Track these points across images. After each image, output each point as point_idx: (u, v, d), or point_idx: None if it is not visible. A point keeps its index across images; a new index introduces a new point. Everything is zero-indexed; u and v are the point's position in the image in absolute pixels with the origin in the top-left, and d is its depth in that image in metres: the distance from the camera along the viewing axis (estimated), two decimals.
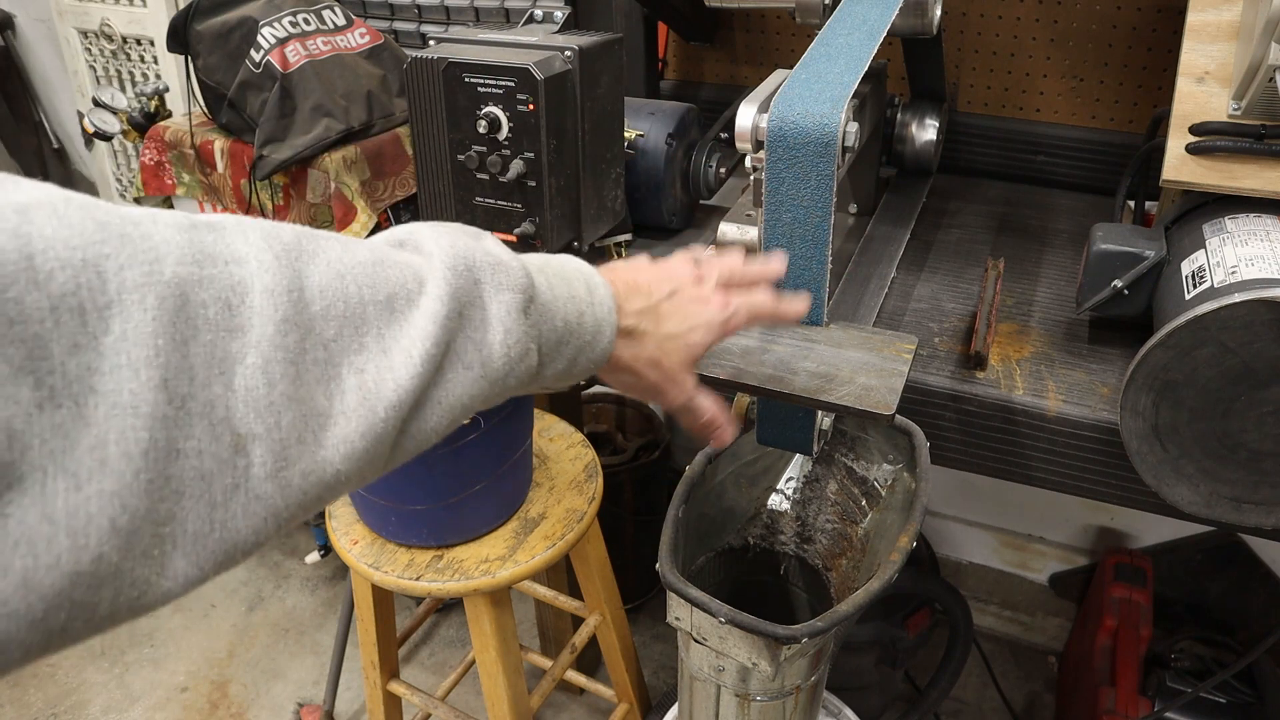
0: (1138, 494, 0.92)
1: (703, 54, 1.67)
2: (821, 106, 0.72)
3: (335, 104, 1.25)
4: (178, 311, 0.34)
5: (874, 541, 0.97)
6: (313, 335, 0.39)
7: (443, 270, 0.44)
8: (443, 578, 1.09)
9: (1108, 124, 1.43)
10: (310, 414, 0.38)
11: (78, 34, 2.23)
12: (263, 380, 0.36)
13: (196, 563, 0.35)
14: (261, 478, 0.37)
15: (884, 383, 0.72)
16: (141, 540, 0.33)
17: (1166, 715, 1.42)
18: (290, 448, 0.37)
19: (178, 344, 0.34)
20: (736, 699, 0.92)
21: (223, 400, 0.35)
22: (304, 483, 0.38)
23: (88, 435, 0.31)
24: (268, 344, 0.37)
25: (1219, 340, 0.75)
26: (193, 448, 0.34)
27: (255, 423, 0.36)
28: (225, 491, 0.36)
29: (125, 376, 0.32)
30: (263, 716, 1.92)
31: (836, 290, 1.09)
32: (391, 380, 0.41)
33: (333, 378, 0.39)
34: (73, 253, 0.32)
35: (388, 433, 0.41)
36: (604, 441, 2.04)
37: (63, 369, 0.31)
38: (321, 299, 0.39)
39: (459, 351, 0.44)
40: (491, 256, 0.47)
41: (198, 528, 0.35)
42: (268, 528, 0.37)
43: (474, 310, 0.45)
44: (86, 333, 0.32)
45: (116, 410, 0.32)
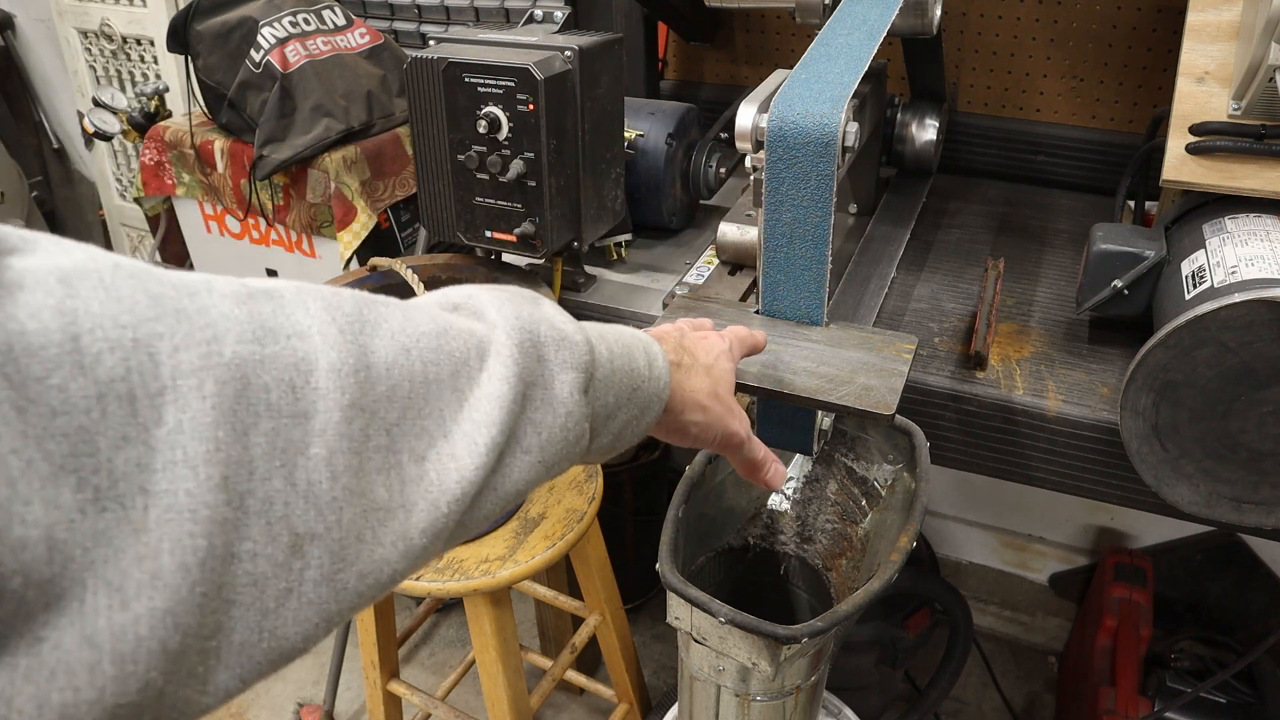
0: (1138, 494, 0.92)
1: (703, 54, 1.67)
2: (821, 106, 0.72)
3: (335, 104, 1.25)
4: (238, 397, 0.30)
5: (874, 541, 0.97)
6: (377, 420, 0.34)
7: (509, 347, 0.40)
8: (443, 578, 1.09)
9: (1108, 124, 1.43)
10: (370, 508, 0.34)
11: (78, 34, 2.22)
12: (326, 473, 0.33)
13: (240, 675, 0.31)
14: (317, 580, 0.33)
15: (884, 383, 0.72)
16: (188, 660, 0.29)
17: (1166, 715, 1.41)
18: (349, 547, 0.33)
19: (238, 434, 0.30)
20: (736, 699, 0.92)
21: (282, 496, 0.31)
22: (359, 584, 0.34)
23: (136, 544, 0.27)
24: (333, 432, 0.33)
25: (1219, 340, 0.75)
26: (248, 550, 0.30)
27: (315, 521, 0.32)
28: (278, 597, 0.32)
29: (181, 475, 0.28)
30: (263, 716, 1.92)
31: (836, 290, 1.09)
32: (455, 471, 0.37)
33: (393, 466, 0.35)
34: (122, 332, 0.28)
35: (447, 527, 0.37)
36: None
37: (109, 466, 0.27)
38: (387, 378, 0.35)
39: (520, 436, 0.40)
40: (556, 330, 0.43)
41: (245, 638, 0.31)
42: (318, 633, 0.33)
43: (537, 391, 0.41)
44: (137, 424, 0.28)
45: (171, 514, 0.28)
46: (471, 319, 0.41)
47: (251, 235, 1.39)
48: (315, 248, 1.33)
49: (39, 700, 0.25)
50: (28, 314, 0.26)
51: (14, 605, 0.25)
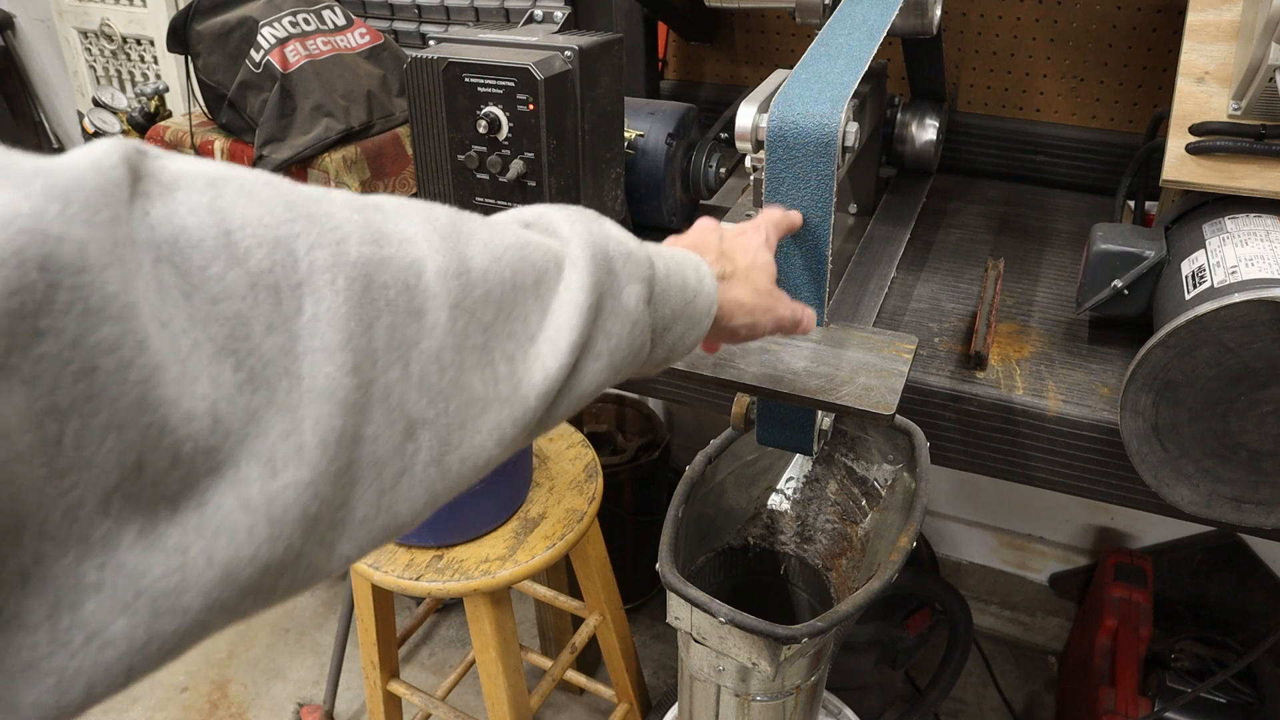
0: (1138, 494, 0.92)
1: (703, 54, 1.67)
2: (821, 106, 0.72)
3: (335, 104, 1.25)
4: (364, 293, 0.33)
5: (874, 541, 0.97)
6: (475, 320, 0.38)
7: (584, 260, 0.43)
8: (443, 578, 1.09)
9: (1108, 124, 1.43)
10: (470, 400, 0.38)
11: (78, 34, 2.22)
12: (435, 366, 0.36)
13: (359, 546, 0.35)
14: (426, 463, 0.36)
15: (884, 383, 0.72)
16: (321, 528, 0.33)
17: (1166, 715, 1.41)
18: (454, 433, 0.37)
19: (365, 326, 0.33)
20: (736, 699, 0.92)
21: (399, 385, 0.35)
22: (461, 467, 0.38)
23: (283, 421, 0.30)
24: (441, 329, 0.36)
25: (1219, 340, 0.76)
26: (371, 434, 0.34)
27: (427, 409, 0.36)
28: (394, 477, 0.35)
29: (320, 360, 0.31)
30: (263, 716, 1.92)
31: (836, 290, 1.09)
32: (541, 369, 0.41)
33: (489, 364, 0.39)
34: (266, 230, 0.31)
35: (534, 421, 0.41)
36: (604, 441, 2.04)
37: (260, 350, 0.30)
38: (483, 283, 0.39)
39: (594, 341, 0.44)
40: (622, 246, 0.47)
41: (366, 513, 0.35)
42: (425, 511, 0.37)
43: (609, 301, 0.45)
44: (281, 313, 0.31)
45: (312, 395, 0.31)
46: (546, 235, 0.45)
47: None
48: None
49: (208, 554, 0.29)
50: (186, 210, 0.29)
51: (184, 469, 0.28)
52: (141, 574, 0.28)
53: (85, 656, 0.27)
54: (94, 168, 0.28)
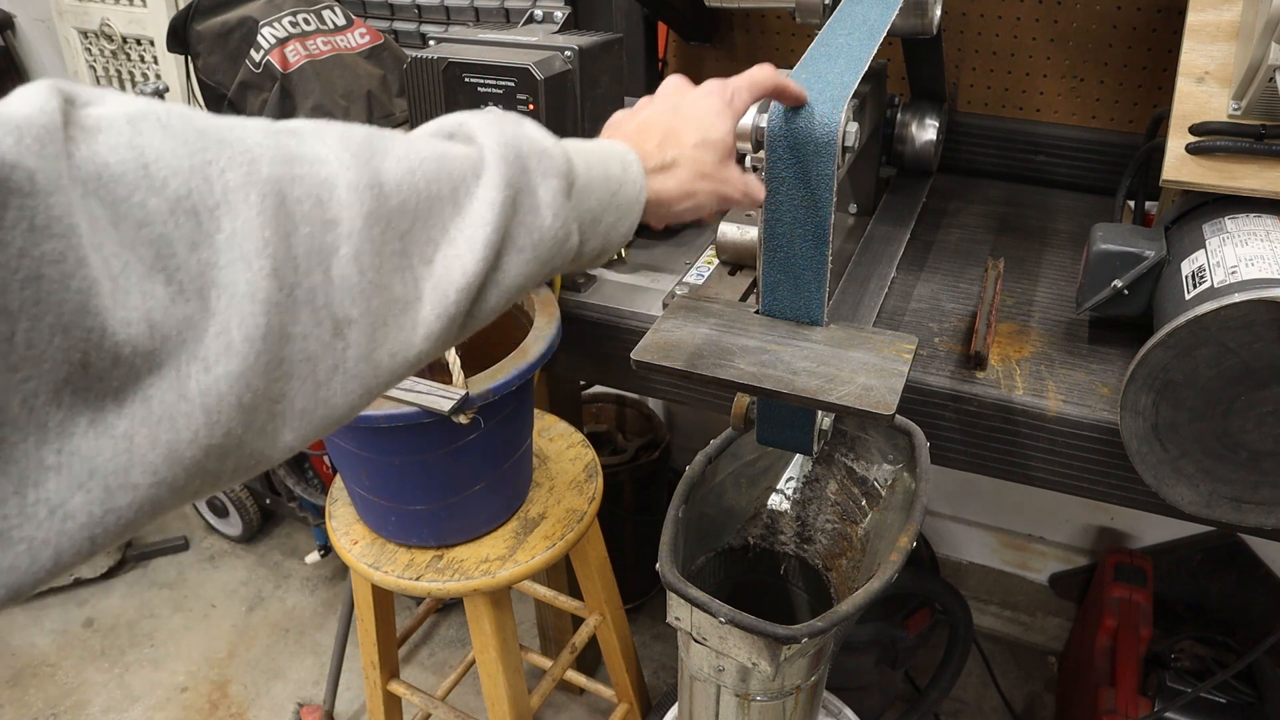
0: (1138, 494, 0.92)
1: (703, 54, 1.67)
2: (821, 106, 0.72)
3: (335, 104, 1.25)
4: (278, 207, 0.37)
5: (874, 541, 0.97)
6: (391, 228, 0.42)
7: (496, 160, 0.46)
8: (443, 578, 1.09)
9: (1108, 124, 1.43)
10: (391, 299, 0.42)
11: (78, 34, 2.22)
12: (355, 269, 0.40)
13: (300, 435, 0.39)
14: (356, 358, 0.41)
15: (884, 383, 0.72)
16: (259, 416, 0.37)
17: (1166, 715, 1.41)
18: (378, 330, 0.41)
19: (282, 236, 0.37)
20: (736, 699, 0.92)
21: (323, 288, 0.39)
22: (391, 362, 0.42)
23: (214, 323, 0.35)
24: (358, 236, 0.40)
25: (1219, 340, 0.75)
26: (299, 332, 0.38)
27: (351, 308, 0.40)
28: (327, 372, 0.39)
29: (239, 269, 0.35)
30: (263, 716, 1.92)
31: (836, 290, 1.09)
32: (459, 266, 0.44)
33: (407, 266, 0.42)
34: (180, 160, 0.35)
35: (459, 314, 0.45)
36: (604, 441, 2.04)
37: (186, 266, 0.34)
38: (398, 193, 0.42)
39: (513, 236, 0.47)
40: (536, 144, 0.49)
41: (304, 405, 0.39)
42: (361, 403, 0.42)
43: (525, 197, 0.47)
44: (202, 231, 0.35)
45: (235, 299, 0.35)
46: (464, 143, 0.48)
47: None
48: None
49: (151, 438, 0.33)
50: (108, 149, 0.33)
51: (126, 368, 0.33)
52: (94, 456, 0.32)
53: (50, 527, 0.32)
54: (40, 110, 0.32)
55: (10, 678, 2.00)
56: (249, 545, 2.33)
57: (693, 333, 0.79)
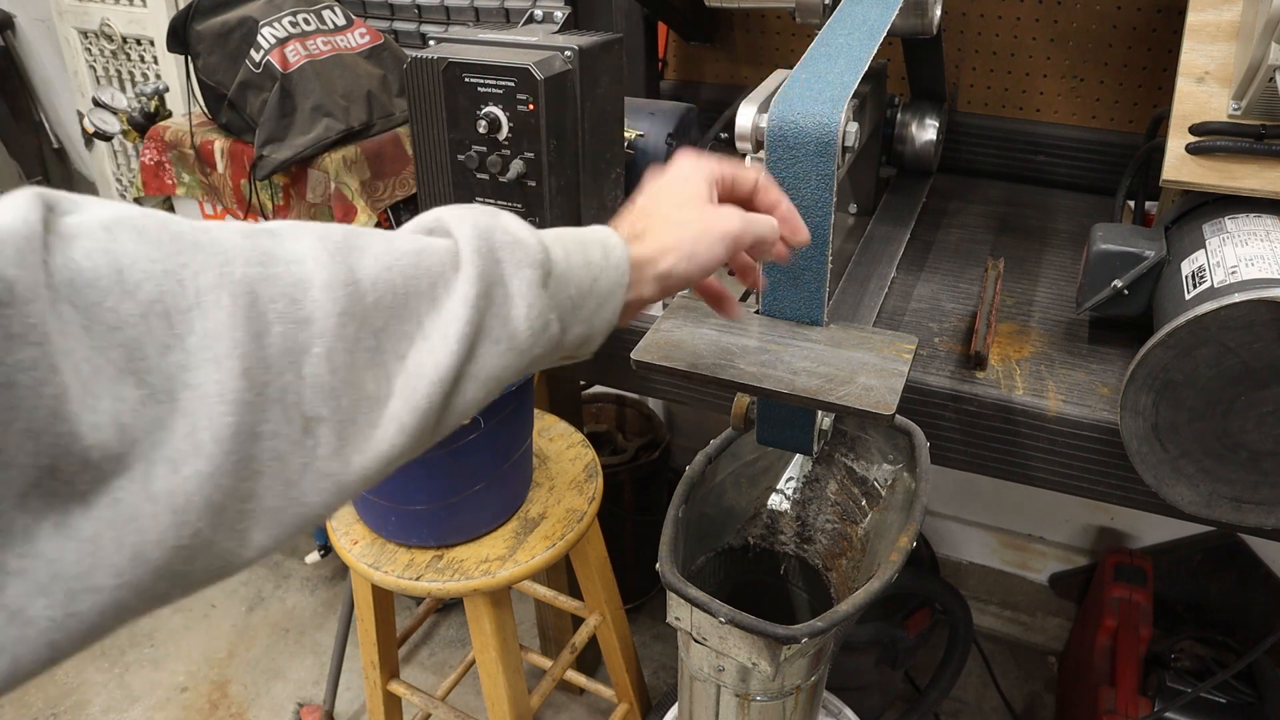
0: (1138, 494, 0.92)
1: (703, 54, 1.67)
2: (821, 106, 0.72)
3: (335, 104, 1.25)
4: (250, 307, 0.38)
5: (874, 541, 0.97)
6: (366, 325, 0.42)
7: (469, 254, 0.47)
8: (443, 578, 1.09)
9: (1108, 124, 1.43)
10: (363, 397, 0.42)
11: (78, 34, 2.22)
12: (326, 368, 0.40)
13: (272, 535, 0.39)
14: (327, 456, 0.40)
15: (884, 383, 0.72)
16: (228, 517, 0.37)
17: (1166, 715, 1.41)
18: (348, 427, 0.41)
19: (253, 336, 0.38)
20: (736, 699, 0.92)
21: (294, 387, 0.39)
22: (363, 459, 0.42)
23: (183, 423, 0.35)
24: (331, 335, 0.40)
25: (1219, 340, 0.75)
26: (269, 430, 0.38)
27: (321, 407, 0.40)
28: (298, 470, 0.39)
29: (210, 370, 0.36)
30: (263, 716, 1.92)
31: (836, 290, 1.09)
32: (431, 361, 0.44)
33: (380, 364, 0.43)
34: (154, 265, 0.36)
35: (432, 408, 0.44)
36: (604, 441, 2.04)
37: (158, 368, 0.35)
38: (373, 290, 0.42)
39: (488, 329, 0.47)
40: (510, 235, 0.49)
41: (275, 504, 0.39)
42: (335, 501, 0.41)
43: (498, 289, 0.47)
44: (174, 334, 0.36)
45: (206, 399, 0.36)
46: (443, 237, 0.48)
47: None
48: None
49: (117, 541, 0.33)
50: (83, 256, 0.34)
51: (94, 472, 0.33)
52: (57, 559, 0.32)
53: (8, 634, 0.31)
54: (23, 220, 0.32)
55: None
56: None
57: (693, 333, 0.79)
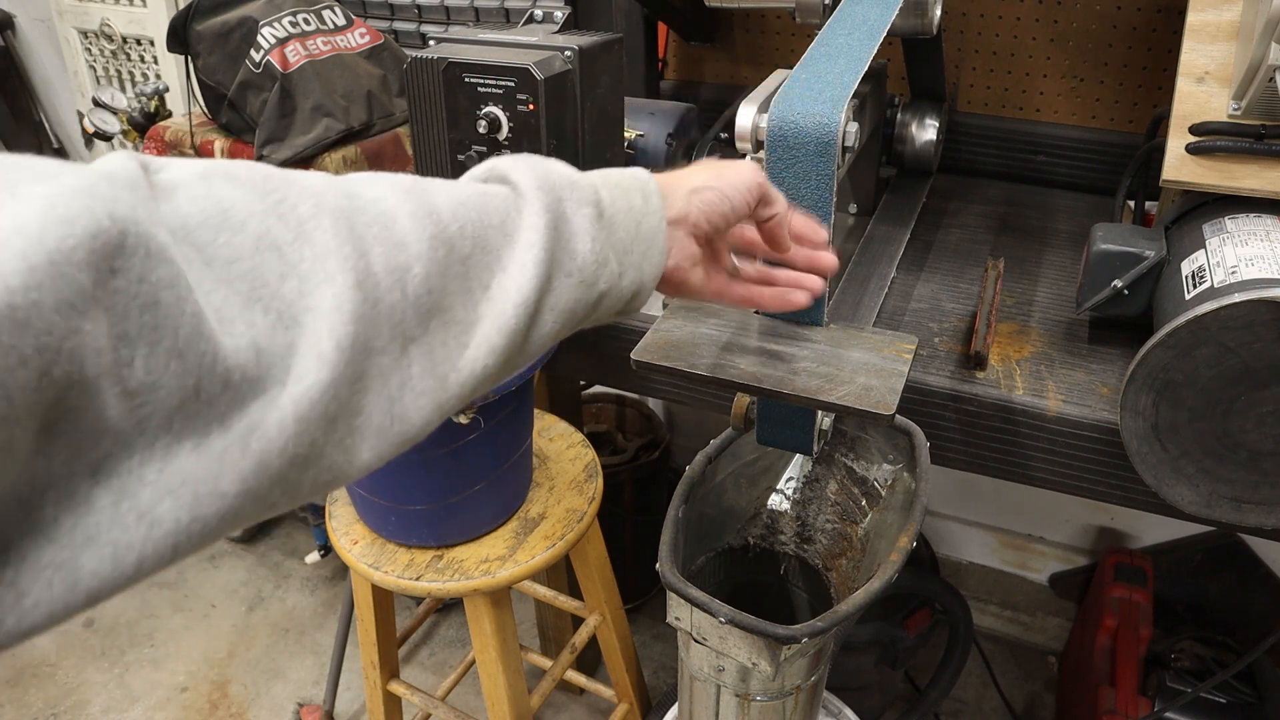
0: (1138, 494, 0.92)
1: (703, 54, 1.67)
2: (821, 106, 0.72)
3: (335, 104, 1.25)
4: (350, 229, 0.40)
5: (874, 541, 0.97)
6: (454, 251, 0.44)
7: (534, 193, 0.49)
8: (443, 578, 1.09)
9: (1108, 124, 1.43)
10: (452, 321, 0.44)
11: (78, 34, 2.22)
12: (425, 288, 0.42)
13: (377, 451, 0.40)
14: (421, 374, 0.42)
15: (884, 383, 0.72)
16: (339, 430, 0.38)
17: (1166, 715, 1.41)
18: (438, 349, 0.43)
19: (360, 253, 0.39)
20: (736, 699, 0.92)
21: (399, 305, 0.41)
22: (459, 377, 0.44)
23: (308, 341, 0.37)
24: (426, 257, 0.42)
25: (1219, 340, 0.76)
26: (379, 346, 0.40)
27: (417, 327, 0.42)
28: (399, 387, 0.41)
29: (327, 289, 0.38)
30: (263, 716, 1.92)
31: (836, 290, 1.09)
32: (515, 288, 0.47)
33: (468, 290, 0.45)
34: (254, 203, 0.38)
35: (519, 331, 0.47)
36: (604, 441, 2.04)
37: (280, 294, 0.37)
38: (454, 221, 0.45)
39: (559, 261, 0.49)
40: (565, 177, 0.52)
41: (380, 421, 0.40)
42: (435, 418, 0.43)
43: (563, 224, 0.50)
44: (287, 263, 0.37)
45: (327, 315, 0.37)
46: (500, 183, 0.51)
47: None
48: None
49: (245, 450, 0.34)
50: (187, 201, 0.36)
51: (234, 393, 0.34)
52: (190, 470, 0.33)
53: (137, 533, 0.32)
54: (122, 167, 0.34)
55: (10, 677, 2.00)
56: (249, 545, 2.33)
57: (693, 333, 0.79)
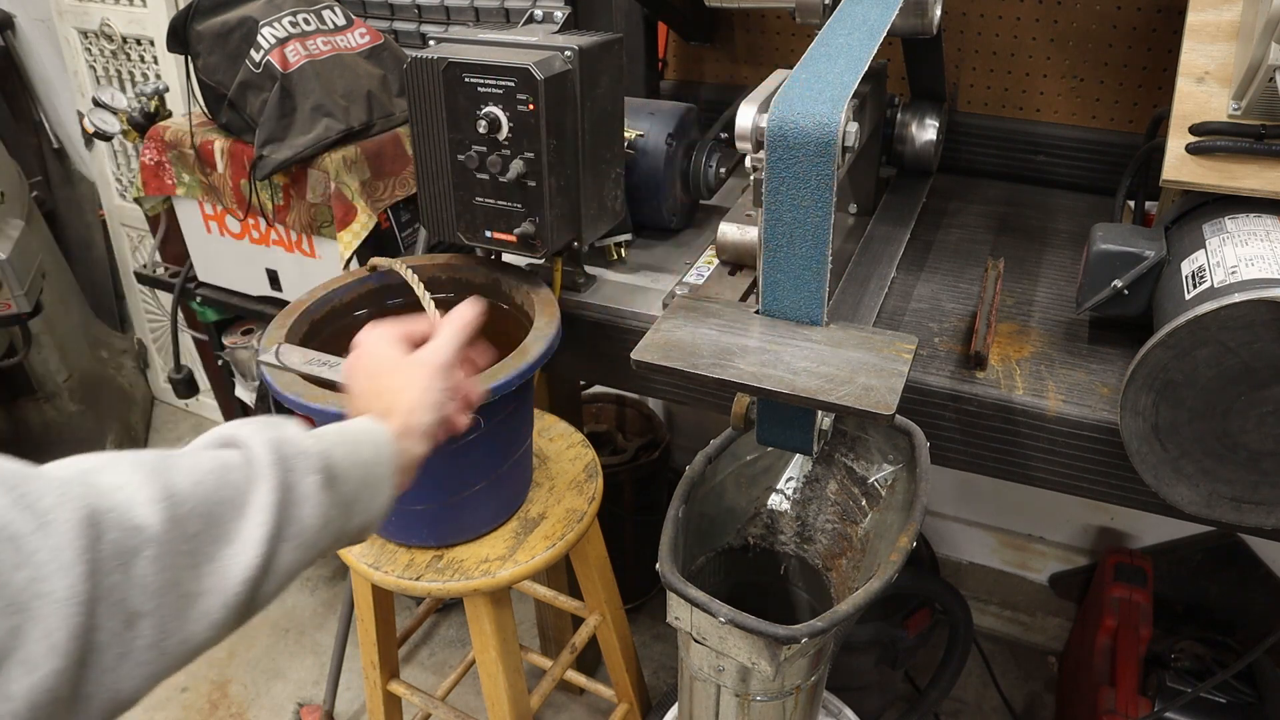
0: (1138, 494, 0.92)
1: (703, 54, 1.67)
2: (821, 106, 0.72)
3: (335, 104, 1.25)
4: (89, 521, 0.44)
5: (874, 541, 0.97)
6: (183, 531, 0.49)
7: (267, 469, 0.55)
8: (443, 578, 1.09)
9: (1108, 124, 1.43)
10: (181, 594, 0.48)
11: (78, 34, 2.22)
12: (153, 569, 0.46)
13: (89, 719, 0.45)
14: (144, 647, 0.46)
15: (884, 383, 0.72)
16: (60, 710, 0.42)
17: (1166, 715, 1.41)
18: (169, 622, 0.47)
19: (93, 542, 0.44)
20: (736, 699, 0.92)
21: (122, 586, 0.45)
22: (179, 649, 0.48)
23: (38, 629, 0.40)
24: (159, 540, 0.47)
25: (1219, 340, 0.75)
26: (96, 624, 0.43)
27: (145, 603, 0.46)
28: (115, 659, 0.45)
29: (60, 578, 0.42)
30: (263, 716, 1.92)
31: (836, 290, 1.09)
32: (242, 562, 0.51)
33: (193, 565, 0.49)
34: (3, 495, 0.42)
35: (241, 602, 0.51)
36: (604, 441, 2.04)
37: (13, 582, 0.40)
38: (189, 501, 0.50)
39: (284, 533, 0.54)
40: (296, 446, 0.58)
41: (90, 691, 0.44)
42: (148, 686, 0.47)
43: (290, 493, 0.55)
44: (23, 553, 0.41)
45: (58, 603, 0.41)
46: (240, 450, 0.56)
47: (251, 235, 1.39)
48: (315, 248, 1.33)
49: None
50: None
51: None
52: None
53: None
54: None
55: None
56: None
57: (693, 333, 0.79)
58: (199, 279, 1.52)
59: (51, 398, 2.49)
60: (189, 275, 1.52)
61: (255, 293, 1.46)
